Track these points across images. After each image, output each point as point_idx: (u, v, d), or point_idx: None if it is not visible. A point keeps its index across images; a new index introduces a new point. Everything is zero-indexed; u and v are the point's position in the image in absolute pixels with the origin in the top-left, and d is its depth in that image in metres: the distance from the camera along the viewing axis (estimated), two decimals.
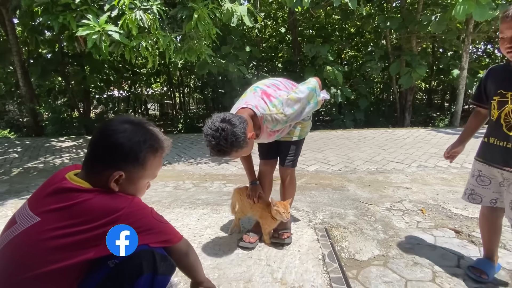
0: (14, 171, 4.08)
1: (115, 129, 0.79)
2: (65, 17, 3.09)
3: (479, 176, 1.29)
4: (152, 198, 2.60)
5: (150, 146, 0.82)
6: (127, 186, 0.81)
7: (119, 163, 0.78)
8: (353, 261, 1.51)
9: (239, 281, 1.28)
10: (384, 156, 3.95)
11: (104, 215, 0.72)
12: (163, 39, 3.29)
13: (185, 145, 5.43)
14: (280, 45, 10.97)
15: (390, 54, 7.79)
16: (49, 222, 0.70)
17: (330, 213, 2.12)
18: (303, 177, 3.15)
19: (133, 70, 10.77)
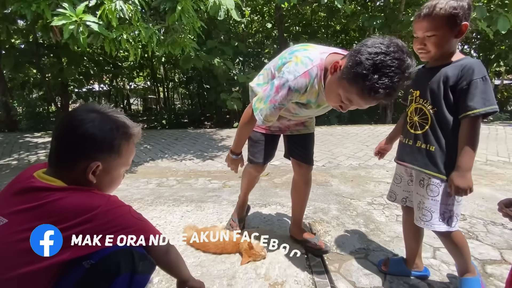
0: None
1: (82, 119, 0.74)
2: (39, 6, 2.90)
3: (395, 174, 1.31)
4: (134, 196, 2.53)
5: (123, 133, 0.79)
6: (104, 176, 0.79)
7: (93, 154, 0.75)
8: (336, 255, 1.54)
9: (223, 278, 1.27)
10: (367, 152, 4.05)
11: (78, 214, 0.68)
12: (145, 31, 3.17)
13: (169, 141, 5.32)
14: (266, 40, 10.94)
15: None
16: (18, 224, 0.66)
17: (314, 208, 2.15)
18: (288, 173, 3.17)
19: (115, 63, 10.38)
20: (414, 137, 1.13)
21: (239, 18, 4.21)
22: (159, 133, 6.47)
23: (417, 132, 1.11)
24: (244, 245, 1.40)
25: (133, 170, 3.56)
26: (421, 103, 1.10)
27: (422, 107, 1.09)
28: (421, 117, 1.09)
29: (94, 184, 0.77)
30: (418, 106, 1.11)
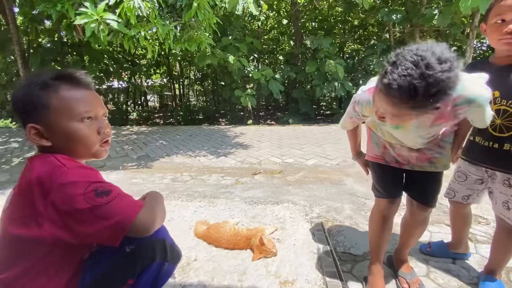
0: (14, 161, 4.08)
1: (12, 93, 0.77)
2: (63, 5, 3.03)
3: (457, 172, 1.33)
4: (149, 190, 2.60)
5: (37, 84, 0.72)
6: (56, 137, 0.73)
7: (26, 120, 0.72)
8: (348, 255, 1.51)
9: (234, 273, 1.28)
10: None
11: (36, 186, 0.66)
12: (162, 28, 3.23)
13: (184, 137, 5.41)
14: (281, 37, 10.83)
15: (392, 48, 7.68)
16: (13, 196, 0.72)
17: (327, 207, 2.12)
18: (301, 171, 3.15)
19: (133, 60, 10.66)
20: (499, 140, 1.09)
21: (257, 12, 4.18)
22: (174, 129, 6.59)
23: (502, 134, 1.08)
24: (255, 241, 1.40)
25: (149, 165, 3.66)
26: (505, 104, 1.05)
27: (508, 108, 1.05)
28: (506, 119, 1.06)
29: (54, 148, 0.73)
30: (501, 107, 1.06)
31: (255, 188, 2.61)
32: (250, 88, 7.95)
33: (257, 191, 2.50)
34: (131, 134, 5.89)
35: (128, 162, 3.85)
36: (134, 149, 4.49)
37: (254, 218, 1.91)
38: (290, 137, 5.08)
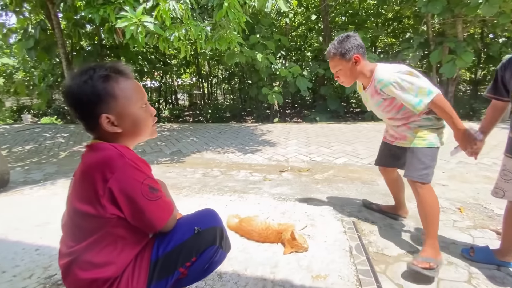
0: (61, 154, 4.50)
1: (68, 87, 0.79)
2: (105, 10, 3.26)
3: (503, 170, 1.28)
4: (183, 184, 2.73)
5: (99, 77, 0.78)
6: (123, 123, 0.81)
7: (96, 109, 0.78)
8: (381, 256, 1.47)
9: (266, 265, 1.32)
10: None
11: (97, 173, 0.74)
12: (194, 28, 3.35)
13: (213, 134, 5.56)
14: (309, 33, 10.63)
15: (431, 41, 7.18)
16: (76, 180, 0.80)
17: (358, 207, 2.07)
18: (330, 170, 3.09)
19: (165, 61, 11.15)
20: None
21: (286, 8, 4.16)
22: (204, 126, 6.80)
23: None
24: (287, 235, 1.42)
25: (181, 160, 3.83)
26: None
27: None
28: None
29: (123, 133, 0.81)
30: None
31: (283, 185, 2.62)
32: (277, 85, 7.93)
33: (285, 188, 2.51)
34: (164, 131, 6.18)
35: (162, 157, 4.06)
36: (167, 145, 4.72)
37: (284, 214, 1.93)
38: (318, 135, 5.00)
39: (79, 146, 5.04)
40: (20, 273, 1.27)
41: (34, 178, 3.15)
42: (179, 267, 0.83)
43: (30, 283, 1.23)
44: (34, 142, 5.51)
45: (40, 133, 6.38)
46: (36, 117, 11.06)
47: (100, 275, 0.75)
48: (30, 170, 3.54)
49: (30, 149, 4.93)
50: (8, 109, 11.26)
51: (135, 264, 0.80)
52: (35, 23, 8.22)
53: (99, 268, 0.75)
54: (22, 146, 5.17)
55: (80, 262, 0.75)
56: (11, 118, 11.09)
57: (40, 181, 3.01)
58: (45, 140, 5.61)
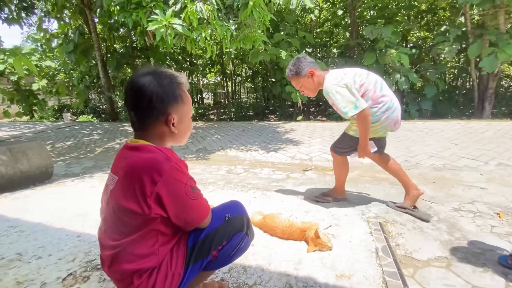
0: (97, 150, 4.83)
1: (143, 85, 0.84)
2: (137, 14, 3.45)
3: None
4: (209, 180, 2.82)
5: (177, 83, 0.88)
6: (180, 125, 0.91)
7: (166, 109, 0.85)
8: (410, 259, 1.42)
9: (289, 261, 1.33)
10: (455, 151, 3.50)
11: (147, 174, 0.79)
12: (220, 28, 3.42)
13: (236, 132, 5.65)
14: (335, 29, 10.35)
15: (469, 34, 6.67)
16: (120, 179, 0.85)
17: (386, 208, 2.01)
18: (357, 170, 3.02)
19: (191, 61, 11.47)
20: None
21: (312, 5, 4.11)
22: (228, 124, 6.92)
23: None
24: (310, 233, 1.42)
25: (206, 157, 3.94)
26: None
27: None
28: None
29: (174, 134, 0.90)
30: None
31: (306, 184, 2.61)
32: None
33: (308, 187, 2.49)
34: None
35: (188, 153, 4.21)
36: (193, 143, 4.88)
37: (307, 213, 1.92)
38: None
39: (113, 143, 5.38)
40: (65, 257, 1.41)
41: (74, 171, 3.42)
42: (212, 250, 0.91)
43: (73, 265, 1.36)
44: (73, 138, 5.97)
45: (79, 130, 6.90)
46: (75, 115, 11.94)
47: (143, 265, 0.82)
48: (70, 164, 3.85)
49: (70, 145, 5.35)
50: (50, 108, 12.27)
51: (173, 253, 0.88)
52: (74, 28, 8.88)
53: (142, 259, 0.82)
54: (63, 142, 5.63)
55: (125, 254, 0.82)
56: (53, 116, 12.08)
57: (79, 174, 3.26)
58: (83, 137, 6.05)
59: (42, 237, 1.67)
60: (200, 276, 0.96)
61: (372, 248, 1.44)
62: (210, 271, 0.99)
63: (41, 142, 3.01)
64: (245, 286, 1.18)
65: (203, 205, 0.89)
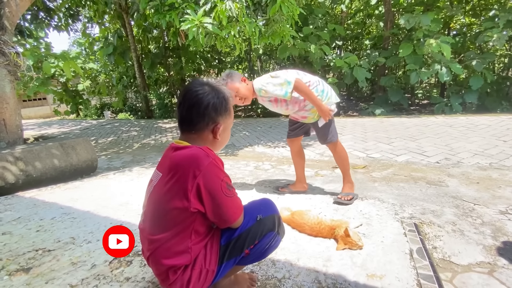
0: (135, 146, 5.17)
1: (202, 93, 0.94)
2: (171, 15, 3.60)
3: None
4: (237, 175, 2.89)
5: (228, 98, 0.99)
6: (223, 134, 1.00)
7: (217, 117, 0.95)
8: (448, 263, 1.35)
9: (318, 258, 1.33)
10: (503, 149, 3.19)
11: (188, 167, 0.84)
12: (249, 26, 3.45)
13: (264, 129, 5.68)
14: (368, 19, 9.85)
15: None
16: (163, 176, 0.92)
17: (422, 209, 1.91)
18: (390, 168, 2.89)
19: (220, 58, 11.69)
20: None
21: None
22: (255, 121, 6.98)
23: None
24: (340, 231, 1.41)
25: (234, 153, 4.03)
26: None
27: None
28: None
29: (216, 141, 0.98)
30: None
31: (336, 181, 2.56)
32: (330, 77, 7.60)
33: (338, 185, 2.44)
34: None
35: None
36: None
37: (337, 211, 1.90)
38: (377, 130, 4.67)
39: (149, 139, 5.71)
40: None
41: (115, 165, 3.71)
42: (245, 249, 0.96)
43: None
44: (114, 135, 6.45)
45: (118, 127, 7.42)
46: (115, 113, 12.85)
47: (177, 262, 0.88)
48: (111, 158, 4.18)
49: (111, 141, 5.79)
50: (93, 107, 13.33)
51: (206, 250, 0.93)
52: (113, 31, 9.51)
53: (178, 256, 0.88)
54: (105, 138, 6.11)
55: (162, 249, 0.88)
56: (95, 114, 13.12)
57: (120, 168, 3.53)
58: (122, 133, 6.51)
59: (91, 223, 1.85)
60: (232, 269, 1.00)
61: (406, 250, 1.39)
62: (242, 265, 1.03)
63: (87, 138, 3.31)
64: (274, 279, 1.21)
65: (237, 204, 0.93)
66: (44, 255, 1.50)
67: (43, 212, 2.09)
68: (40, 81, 7.62)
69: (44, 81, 7.69)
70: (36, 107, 16.08)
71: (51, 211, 2.11)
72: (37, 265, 1.40)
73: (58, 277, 1.30)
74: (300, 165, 2.26)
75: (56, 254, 1.50)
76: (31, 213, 2.09)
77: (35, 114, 15.49)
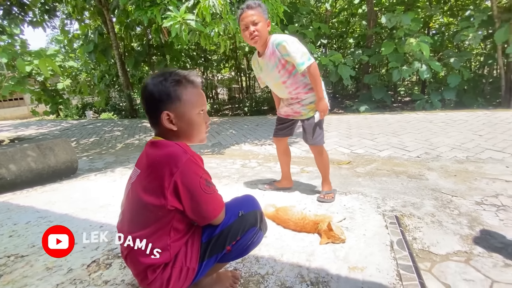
0: (118, 146, 5.03)
1: (144, 86, 0.92)
2: (152, 11, 3.52)
3: None
4: (223, 173, 2.86)
5: (172, 81, 0.90)
6: (180, 122, 0.92)
7: (160, 106, 0.89)
8: (427, 253, 1.39)
9: (302, 253, 1.34)
10: (479, 142, 3.33)
11: (165, 165, 0.83)
12: (233, 22, 3.43)
13: (251, 127, 5.67)
14: (352, 18, 10.02)
15: (496, 18, 6.23)
16: (141, 173, 0.90)
17: (403, 202, 1.96)
18: (373, 163, 2.95)
19: (206, 57, 11.56)
20: None
21: None
22: (242, 119, 6.96)
23: None
24: (323, 226, 1.42)
25: (221, 152, 4.00)
26: None
27: None
28: None
29: (177, 131, 0.92)
30: None
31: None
32: None
33: None
34: None
35: (204, 148, 4.29)
36: (208, 137, 4.94)
37: (321, 206, 1.92)
38: (361, 126, 4.76)
39: (133, 139, 5.57)
40: (89, 245, 1.50)
41: (97, 166, 3.59)
42: (226, 246, 0.94)
43: (97, 253, 1.45)
44: (96, 135, 6.25)
45: (101, 127, 7.20)
46: (97, 113, 12.46)
47: (156, 260, 0.86)
48: (93, 159, 4.05)
49: (93, 141, 5.61)
50: (74, 107, 12.87)
51: (187, 248, 0.91)
52: (93, 28, 9.20)
53: (156, 254, 0.86)
54: (87, 139, 5.91)
55: (140, 248, 0.86)
56: (77, 114, 12.67)
57: (102, 169, 3.43)
58: (105, 133, 6.32)
59: (68, 227, 1.77)
60: (214, 267, 0.99)
61: (387, 242, 1.42)
62: (224, 262, 1.02)
63: (66, 139, 3.18)
64: (258, 276, 1.20)
65: (217, 200, 0.91)
66: (17, 261, 1.43)
67: (17, 216, 2.00)
68: (15, 80, 7.24)
69: (20, 80, 7.31)
70: (12, 108, 15.35)
71: (26, 215, 2.01)
72: (8, 272, 1.34)
73: (31, 284, 1.24)
74: (286, 162, 2.23)
75: (30, 259, 1.44)
76: (4, 217, 1.99)
77: (11, 115, 14.80)
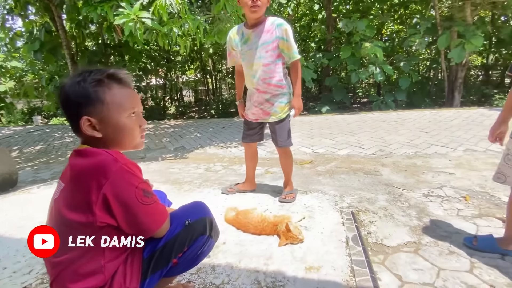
0: (69, 153, 4.59)
1: (61, 86, 0.79)
2: (103, 8, 3.27)
3: (507, 155, 1.26)
4: (185, 179, 2.74)
5: (92, 81, 0.77)
6: (106, 128, 0.79)
7: (79, 111, 0.77)
8: (381, 246, 1.45)
9: (260, 257, 1.31)
10: (425, 139, 3.63)
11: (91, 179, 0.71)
12: (192, 22, 3.32)
13: (216, 129, 5.57)
14: (313, 23, 10.43)
15: (439, 26, 6.94)
16: (65, 187, 0.78)
17: (359, 198, 2.04)
18: (333, 161, 3.05)
19: (169, 57, 11.16)
20: None
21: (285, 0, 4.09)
22: (207, 122, 6.81)
23: None
24: (282, 227, 1.41)
25: (184, 156, 3.85)
26: None
27: None
28: None
29: (104, 138, 0.79)
30: None
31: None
32: None
33: None
34: (169, 127, 6.23)
35: (166, 153, 4.09)
36: (171, 141, 4.76)
37: (282, 207, 1.92)
38: (322, 126, 4.93)
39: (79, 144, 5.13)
40: (21, 269, 1.32)
41: (43, 177, 3.23)
42: (172, 258, 0.85)
43: (29, 278, 1.27)
44: (43, 142, 5.65)
45: (50, 134, 6.54)
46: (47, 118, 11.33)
47: (87, 285, 0.74)
48: (39, 169, 3.64)
49: (40, 149, 5.05)
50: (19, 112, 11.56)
51: (126, 266, 0.80)
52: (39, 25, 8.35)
53: (87, 278, 0.74)
54: (32, 147, 5.31)
55: (67, 272, 0.74)
56: (22, 120, 11.39)
57: (48, 180, 3.08)
58: (54, 140, 5.74)
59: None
60: (160, 283, 0.90)
61: (343, 238, 1.45)
62: (171, 277, 0.94)
63: (4, 148, 2.82)
64: (212, 286, 1.15)
65: (159, 211, 0.82)
66: None
67: None
68: None
69: None
70: None
71: None
72: None
73: None
74: (252, 166, 2.20)
75: None
76: None
77: None
